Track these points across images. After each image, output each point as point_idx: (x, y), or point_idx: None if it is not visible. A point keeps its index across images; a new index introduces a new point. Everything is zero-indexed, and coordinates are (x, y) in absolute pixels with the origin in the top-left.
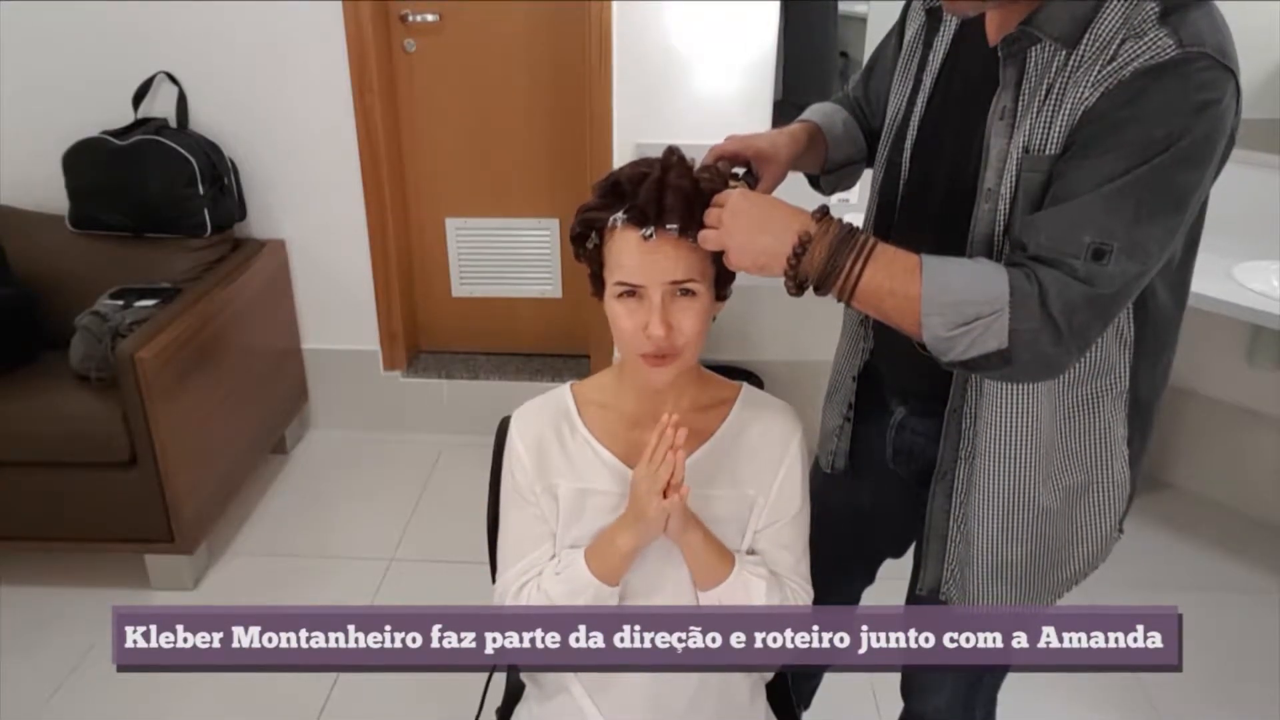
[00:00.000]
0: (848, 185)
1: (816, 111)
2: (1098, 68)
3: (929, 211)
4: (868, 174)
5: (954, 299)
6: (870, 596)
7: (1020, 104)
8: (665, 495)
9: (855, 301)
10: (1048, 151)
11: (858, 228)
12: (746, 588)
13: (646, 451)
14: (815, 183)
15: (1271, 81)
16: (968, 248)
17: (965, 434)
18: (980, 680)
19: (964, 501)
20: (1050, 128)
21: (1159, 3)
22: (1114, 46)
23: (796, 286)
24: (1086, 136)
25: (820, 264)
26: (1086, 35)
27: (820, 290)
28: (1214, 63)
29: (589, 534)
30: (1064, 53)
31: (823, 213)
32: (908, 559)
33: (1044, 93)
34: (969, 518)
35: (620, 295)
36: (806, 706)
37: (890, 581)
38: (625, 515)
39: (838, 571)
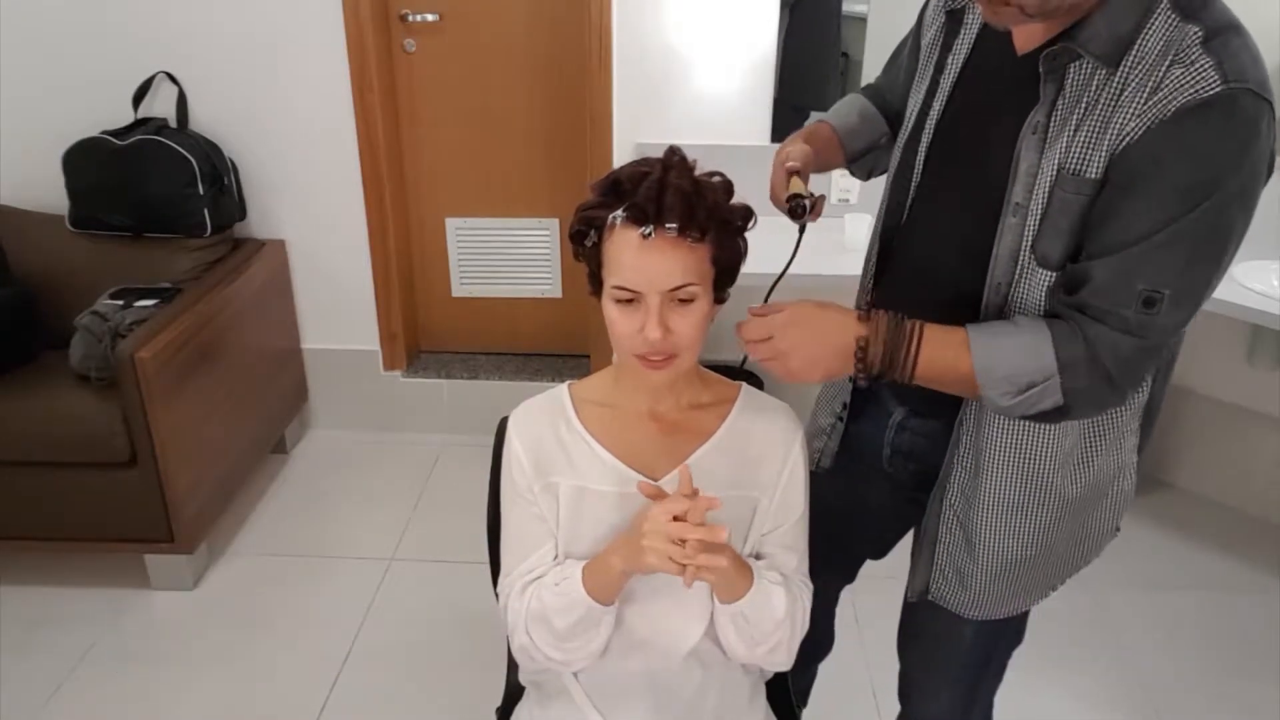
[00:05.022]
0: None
1: (835, 111)
2: (1144, 95)
3: (942, 214)
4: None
5: (1005, 373)
6: (861, 599)
7: (1054, 120)
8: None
9: (919, 381)
10: (1089, 175)
11: (904, 318)
12: (768, 598)
13: (668, 503)
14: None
15: (1271, 82)
16: (991, 260)
17: (967, 442)
18: (977, 684)
19: (966, 508)
20: (1092, 150)
21: (1200, 26)
22: (1159, 72)
23: (868, 380)
24: (1132, 174)
25: (879, 361)
26: (1129, 56)
27: (884, 379)
28: (1256, 98)
29: (589, 536)
30: (1104, 71)
31: (867, 311)
32: (891, 560)
33: (1082, 110)
34: (971, 523)
35: (618, 298)
36: (804, 704)
37: (875, 579)
38: (624, 539)
39: (817, 570)
